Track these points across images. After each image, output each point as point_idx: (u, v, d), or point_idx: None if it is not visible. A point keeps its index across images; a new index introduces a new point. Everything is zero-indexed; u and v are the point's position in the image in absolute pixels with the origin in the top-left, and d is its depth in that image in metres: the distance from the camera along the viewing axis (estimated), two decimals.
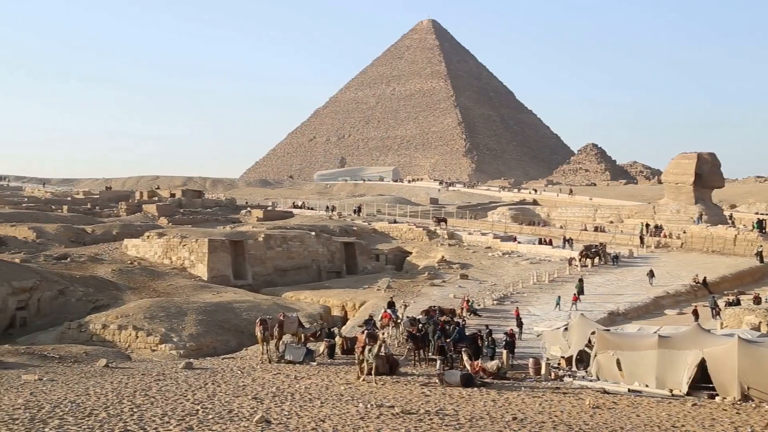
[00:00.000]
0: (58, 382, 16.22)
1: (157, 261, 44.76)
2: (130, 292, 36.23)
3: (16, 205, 73.37)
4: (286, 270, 46.85)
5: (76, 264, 40.90)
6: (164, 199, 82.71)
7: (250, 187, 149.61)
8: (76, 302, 33.84)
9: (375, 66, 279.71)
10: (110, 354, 23.41)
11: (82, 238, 53.21)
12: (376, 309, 32.55)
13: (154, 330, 27.78)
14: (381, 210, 78.16)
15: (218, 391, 15.41)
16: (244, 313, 31.88)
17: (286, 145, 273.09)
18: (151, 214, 70.48)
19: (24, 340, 27.46)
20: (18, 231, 51.41)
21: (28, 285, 32.55)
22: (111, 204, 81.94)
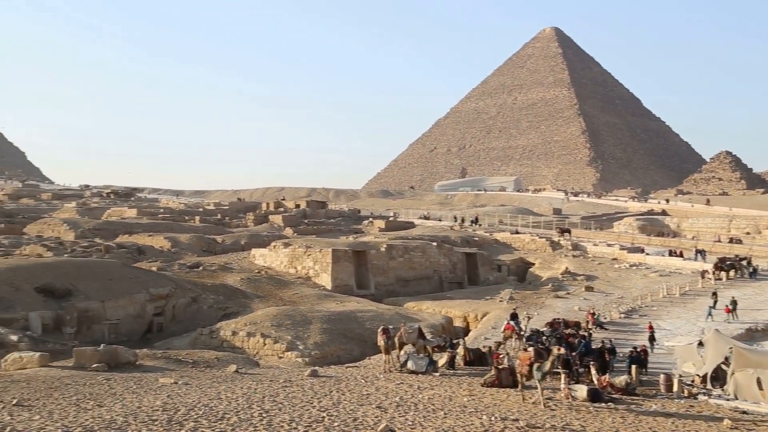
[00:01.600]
0: (192, 386, 16.90)
1: (283, 270, 45.96)
2: (257, 301, 37.35)
3: (153, 216, 77.19)
4: (408, 280, 47.12)
5: (208, 273, 42.57)
6: (289, 209, 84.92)
7: (372, 198, 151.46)
8: (208, 309, 35.23)
9: (496, 75, 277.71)
10: (240, 360, 24.19)
11: (213, 248, 55.39)
12: (498, 320, 32.21)
13: (281, 338, 28.52)
14: (503, 220, 77.38)
15: (343, 399, 15.63)
16: (367, 322, 32.23)
17: (408, 155, 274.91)
18: (277, 225, 72.52)
19: (160, 345, 28.79)
20: (155, 241, 54.07)
21: (165, 292, 34.14)
22: (239, 215, 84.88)
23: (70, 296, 30.50)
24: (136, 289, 33.31)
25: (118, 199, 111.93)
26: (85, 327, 29.90)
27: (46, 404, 13.94)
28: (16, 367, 19.90)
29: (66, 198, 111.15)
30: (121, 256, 46.25)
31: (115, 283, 33.22)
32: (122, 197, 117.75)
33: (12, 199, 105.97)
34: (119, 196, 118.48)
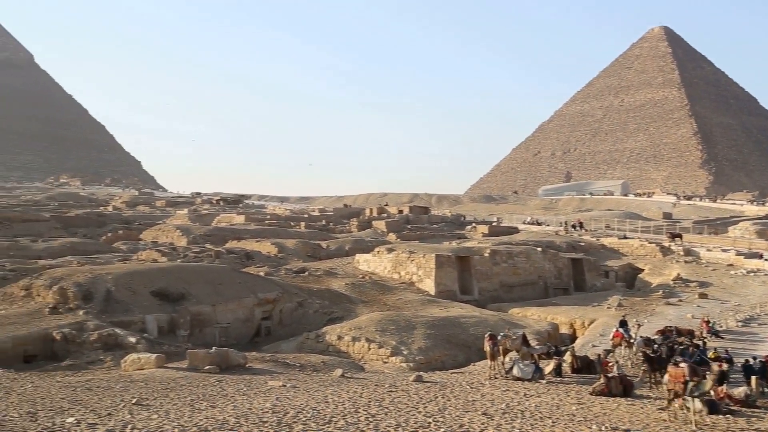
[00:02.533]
0: (299, 389, 17.22)
1: (387, 275, 46.24)
2: (362, 305, 37.70)
3: (260, 222, 79.23)
4: (512, 286, 46.56)
5: (313, 277, 43.30)
6: (392, 215, 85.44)
7: (475, 203, 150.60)
8: (314, 314, 35.82)
9: (602, 77, 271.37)
10: (345, 364, 24.47)
11: (318, 253, 56.30)
12: (606, 327, 31.38)
13: (385, 342, 28.69)
14: (610, 225, 75.45)
15: (448, 405, 15.58)
16: (471, 328, 32.03)
17: (511, 160, 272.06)
18: (381, 230, 73.05)
19: (269, 348, 29.46)
20: (262, 246, 55.45)
21: (272, 297, 34.93)
22: (343, 220, 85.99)
23: (183, 300, 31.62)
24: (245, 294, 34.22)
25: (227, 206, 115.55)
26: (198, 330, 30.92)
27: (163, 404, 14.52)
28: (134, 367, 20.78)
29: (178, 205, 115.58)
30: (231, 261, 47.66)
31: (225, 288, 34.22)
32: (231, 204, 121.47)
33: (129, 207, 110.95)
34: (228, 203, 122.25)
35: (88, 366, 23.10)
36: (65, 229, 71.88)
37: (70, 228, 73.16)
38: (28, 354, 24.40)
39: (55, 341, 25.10)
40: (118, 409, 13.91)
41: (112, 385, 17.09)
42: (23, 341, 24.57)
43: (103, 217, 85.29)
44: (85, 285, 29.86)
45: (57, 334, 25.21)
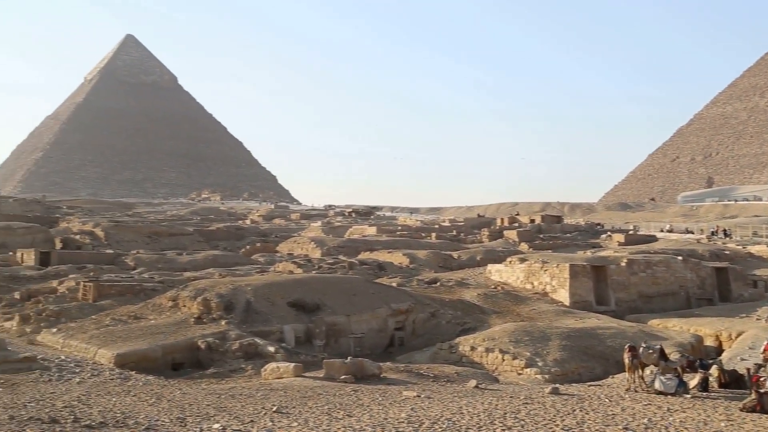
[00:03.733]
0: (434, 399, 17.23)
1: (519, 286, 45.61)
2: (494, 316, 37.34)
3: (391, 233, 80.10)
4: (650, 296, 44.81)
5: (445, 288, 43.30)
6: (524, 225, 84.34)
7: (609, 211, 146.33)
8: (446, 324, 35.77)
9: (746, 77, 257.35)
10: (479, 375, 24.28)
11: (449, 264, 56.31)
12: (756, 340, 29.61)
13: (520, 354, 28.27)
14: (758, 232, 71.42)
15: (587, 418, 15.16)
16: (608, 339, 31.05)
17: (647, 166, 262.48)
18: (512, 240, 72.23)
19: (402, 359, 29.67)
20: (394, 257, 56.03)
21: (404, 307, 35.17)
22: (474, 231, 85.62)
23: (318, 310, 32.36)
24: (378, 304, 34.63)
25: (358, 218, 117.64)
26: (333, 340, 31.54)
27: (301, 412, 14.90)
28: (273, 376, 21.44)
29: (312, 218, 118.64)
30: (363, 272, 48.43)
31: (359, 298, 34.77)
32: (363, 216, 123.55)
33: (266, 220, 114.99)
34: (360, 215, 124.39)
35: (231, 374, 24.04)
36: (207, 242, 75.35)
37: (211, 241, 76.62)
38: (176, 362, 25.68)
39: (200, 350, 26.29)
40: (260, 416, 14.39)
41: (254, 393, 17.70)
42: (171, 350, 25.89)
43: (241, 230, 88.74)
44: (226, 296, 31.13)
45: (202, 343, 26.40)
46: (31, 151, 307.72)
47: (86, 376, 21.79)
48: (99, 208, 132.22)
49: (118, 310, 32.34)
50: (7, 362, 22.14)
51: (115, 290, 36.81)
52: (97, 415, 13.85)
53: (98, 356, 24.99)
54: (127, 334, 27.26)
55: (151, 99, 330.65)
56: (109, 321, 30.02)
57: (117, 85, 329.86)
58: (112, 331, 27.96)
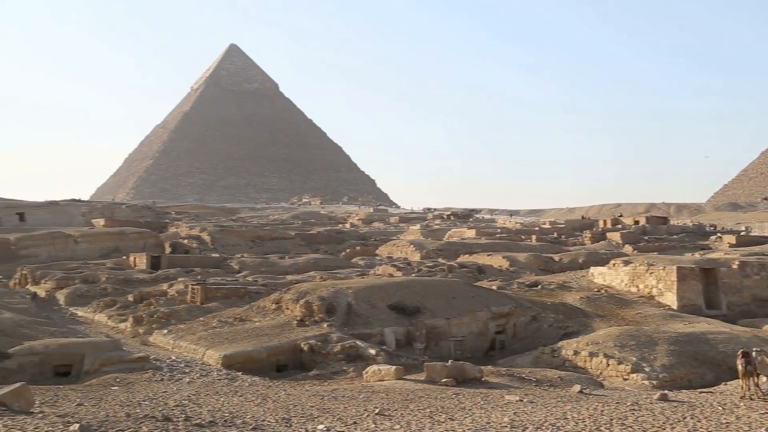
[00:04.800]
0: (537, 404, 16.98)
1: (624, 289, 44.42)
2: (598, 320, 36.50)
3: (490, 236, 79.48)
4: (766, 300, 42.81)
5: (546, 291, 42.61)
6: (627, 226, 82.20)
7: (719, 212, 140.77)
8: (548, 328, 35.21)
9: None
10: (583, 380, 23.79)
11: (550, 267, 55.41)
12: None
13: (625, 359, 27.51)
14: None
15: (698, 426, 14.62)
16: (720, 345, 29.82)
17: (760, 164, 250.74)
18: (615, 242, 70.52)
19: (503, 362, 29.36)
20: (493, 260, 55.58)
21: (505, 310, 34.82)
22: (575, 233, 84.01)
23: (418, 313, 32.43)
24: (478, 307, 34.42)
25: (457, 221, 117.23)
26: (433, 343, 31.53)
27: (403, 415, 14.97)
28: (375, 378, 21.62)
29: (411, 221, 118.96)
30: (463, 275, 48.20)
31: (459, 301, 34.64)
32: (461, 219, 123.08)
33: (365, 224, 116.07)
34: (458, 218, 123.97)
35: (333, 376, 24.38)
36: (308, 245, 76.67)
37: (312, 245, 77.94)
38: (280, 363, 26.24)
39: (302, 352, 26.77)
40: (362, 418, 14.54)
41: (356, 395, 17.90)
42: (276, 351, 26.48)
43: (341, 233, 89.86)
44: (328, 299, 31.59)
45: (304, 345, 26.89)
46: (141, 159, 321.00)
47: (195, 376, 22.56)
48: (205, 214, 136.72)
49: (224, 312, 33.32)
50: (123, 362, 23.17)
51: (221, 293, 37.93)
52: (207, 414, 14.32)
53: (206, 357, 25.82)
54: (233, 336, 28.05)
55: (254, 106, 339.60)
56: (215, 323, 30.97)
57: (221, 94, 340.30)
58: (218, 333, 28.83)
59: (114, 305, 38.59)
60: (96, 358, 23.14)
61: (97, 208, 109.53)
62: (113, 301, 39.41)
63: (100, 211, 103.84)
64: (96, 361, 23.00)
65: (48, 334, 27.35)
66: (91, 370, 22.56)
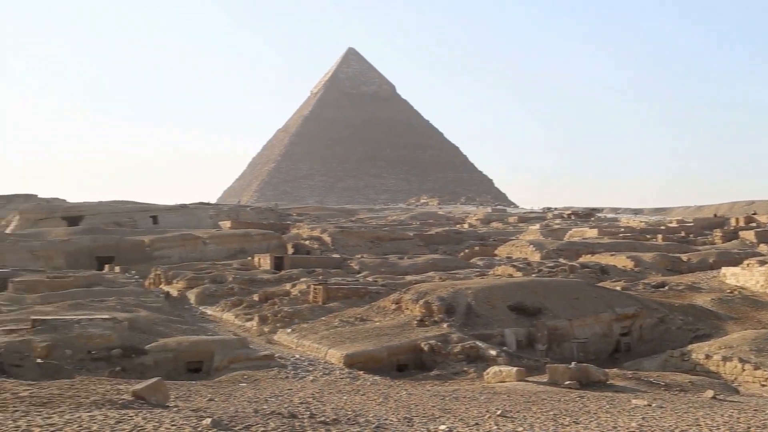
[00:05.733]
0: (666, 409, 16.35)
1: (759, 290, 42.11)
2: (731, 322, 34.82)
3: (613, 235, 77.33)
4: None
5: (674, 292, 41.00)
6: (763, 224, 78.10)
7: None
8: (676, 330, 33.87)
9: None
10: (716, 385, 22.72)
11: (678, 267, 53.32)
12: None
13: (763, 363, 26.10)
14: None
15: None
16: None
17: None
18: (749, 241, 67.22)
19: (629, 365, 28.46)
20: (617, 260, 54.00)
21: (630, 312, 33.78)
22: (705, 231, 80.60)
23: (539, 314, 31.91)
24: (602, 309, 33.53)
25: (578, 220, 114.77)
26: (555, 344, 30.95)
27: (526, 417, 14.74)
28: (496, 380, 21.42)
29: (530, 221, 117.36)
30: (585, 275, 47.06)
31: (581, 302, 33.86)
32: (582, 218, 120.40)
33: (483, 224, 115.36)
34: (579, 217, 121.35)
35: (453, 376, 24.33)
36: (427, 246, 76.88)
37: (431, 245, 78.09)
38: (401, 363, 26.42)
39: (423, 352, 26.86)
40: (484, 419, 14.42)
41: (477, 396, 17.78)
42: (396, 351, 26.68)
43: (459, 234, 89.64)
44: (447, 299, 31.56)
45: (424, 345, 26.96)
46: (264, 163, 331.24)
47: (318, 375, 23.04)
48: (325, 215, 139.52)
49: (345, 312, 33.85)
50: (250, 359, 23.97)
51: (342, 293, 38.55)
52: (331, 412, 14.57)
53: (328, 356, 26.31)
54: (354, 336, 28.46)
55: (371, 108, 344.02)
56: (337, 322, 31.51)
57: (340, 97, 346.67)
58: (340, 332, 29.33)
59: (240, 304, 39.89)
60: (225, 356, 24.03)
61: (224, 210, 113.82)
62: (240, 301, 40.72)
63: (227, 213, 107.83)
64: (225, 358, 23.89)
65: (180, 332, 28.59)
66: (221, 367, 23.45)
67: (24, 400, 12.60)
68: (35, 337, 23.36)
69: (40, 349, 22.46)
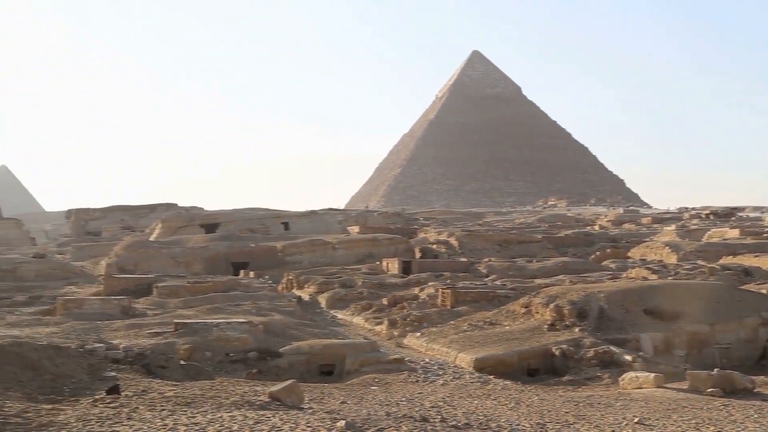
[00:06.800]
0: None
1: None
2: None
3: (757, 235, 73.47)
4: None
5: None
6: None
7: None
8: None
9: None
10: None
11: None
12: None
13: None
14: None
15: None
16: None
17: None
18: None
19: None
20: (762, 261, 51.15)
21: None
22: None
23: (677, 318, 30.57)
24: (746, 313, 31.73)
25: (717, 220, 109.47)
26: (695, 350, 29.60)
27: (666, 425, 14.18)
28: (632, 386, 20.73)
29: (665, 221, 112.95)
30: (726, 278, 44.82)
31: (723, 306, 32.18)
32: (722, 218, 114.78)
33: (615, 225, 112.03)
34: (718, 217, 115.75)
35: (587, 382, 23.70)
36: (555, 248, 75.35)
37: (560, 248, 76.49)
38: (531, 368, 25.99)
39: (554, 357, 26.31)
40: (621, 426, 13.99)
41: (612, 403, 17.26)
42: (526, 356, 26.28)
43: (590, 236, 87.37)
44: (578, 303, 30.78)
45: (556, 350, 26.41)
46: (391, 168, 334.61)
47: (448, 379, 23.00)
48: (452, 219, 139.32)
49: (474, 316, 33.66)
50: (380, 362, 24.24)
51: (471, 297, 38.37)
52: (462, 417, 14.52)
53: (458, 360, 26.23)
54: (483, 340, 28.25)
55: (497, 110, 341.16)
56: (466, 326, 31.37)
57: (464, 100, 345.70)
58: (469, 336, 29.18)
59: (370, 308, 40.41)
60: (356, 359, 24.40)
61: (352, 216, 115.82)
62: (369, 305, 41.25)
63: (354, 218, 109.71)
64: (356, 361, 24.25)
65: (312, 335, 29.26)
66: (352, 370, 23.82)
67: (170, 399, 13.25)
68: (178, 340, 24.54)
69: (183, 351, 23.55)
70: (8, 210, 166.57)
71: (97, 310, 32.94)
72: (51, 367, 16.74)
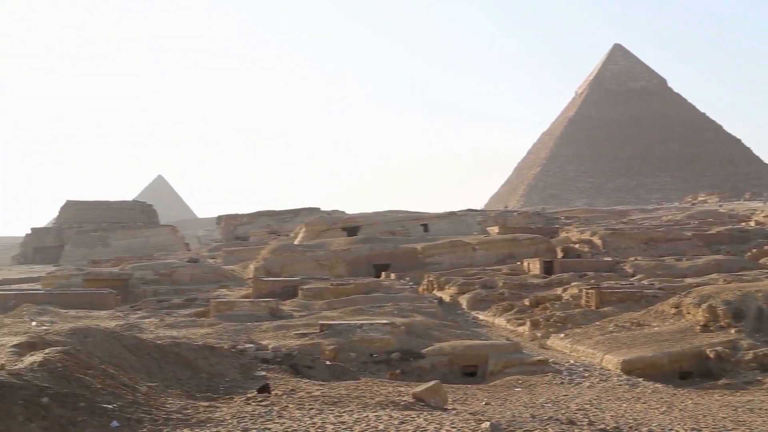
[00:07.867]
0: None
1: None
2: None
3: None
4: None
5: None
6: None
7: None
8: None
9: None
10: None
11: None
12: None
13: None
14: None
15: None
16: None
17: None
18: None
19: None
20: None
21: None
22: None
23: None
24: None
25: None
26: None
27: None
28: None
29: None
30: None
31: None
32: None
33: None
34: None
35: (745, 386, 22.42)
36: (707, 246, 71.70)
37: (711, 245, 72.71)
38: (683, 370, 24.89)
39: (708, 359, 25.09)
40: None
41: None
42: (678, 358, 25.19)
43: (745, 232, 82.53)
44: (734, 303, 29.19)
45: (710, 352, 25.17)
46: (530, 167, 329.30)
47: (595, 381, 22.41)
48: (594, 217, 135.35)
49: (620, 316, 32.63)
50: (523, 364, 23.94)
51: (616, 297, 37.19)
52: (610, 420, 14.13)
53: (604, 361, 25.51)
54: (630, 341, 27.34)
55: (640, 105, 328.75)
56: (612, 327, 30.47)
57: (606, 95, 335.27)
58: (615, 338, 28.33)
59: (511, 309, 39.95)
60: (498, 360, 24.21)
61: (491, 216, 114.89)
62: (510, 306, 40.79)
63: (494, 219, 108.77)
64: (498, 362, 24.07)
65: (454, 336, 29.25)
66: (494, 371, 23.65)
67: (317, 399, 13.65)
68: (323, 341, 25.22)
69: (328, 351, 24.17)
70: (164, 217, 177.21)
71: (246, 312, 34.42)
72: (206, 366, 17.67)
